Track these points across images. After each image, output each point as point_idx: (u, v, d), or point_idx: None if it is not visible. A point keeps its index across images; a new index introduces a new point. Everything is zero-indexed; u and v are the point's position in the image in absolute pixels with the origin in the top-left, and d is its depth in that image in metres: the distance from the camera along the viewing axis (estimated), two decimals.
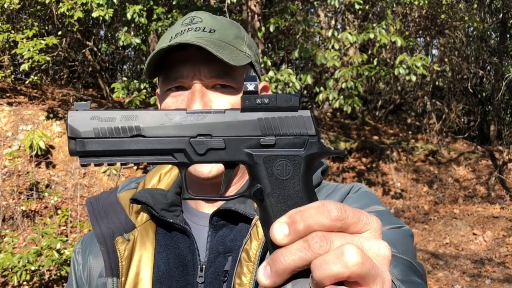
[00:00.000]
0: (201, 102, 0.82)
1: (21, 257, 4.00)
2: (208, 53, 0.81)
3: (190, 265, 0.87)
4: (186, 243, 0.88)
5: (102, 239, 0.88)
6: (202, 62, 0.83)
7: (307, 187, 0.54)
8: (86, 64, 8.29)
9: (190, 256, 0.87)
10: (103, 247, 0.87)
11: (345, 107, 4.94)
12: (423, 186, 7.10)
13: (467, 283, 4.89)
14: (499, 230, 5.91)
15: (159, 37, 5.33)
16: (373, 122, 9.14)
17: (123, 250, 0.86)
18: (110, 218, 0.90)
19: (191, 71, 0.84)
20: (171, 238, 0.90)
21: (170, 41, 0.83)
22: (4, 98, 6.35)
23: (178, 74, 0.85)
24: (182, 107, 0.83)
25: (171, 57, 0.84)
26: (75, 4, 5.05)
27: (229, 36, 0.85)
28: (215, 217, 0.86)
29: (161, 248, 0.89)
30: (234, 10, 6.52)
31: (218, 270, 0.85)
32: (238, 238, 0.86)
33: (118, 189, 0.98)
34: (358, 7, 5.14)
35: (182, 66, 0.84)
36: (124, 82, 5.57)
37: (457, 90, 9.47)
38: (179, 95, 0.85)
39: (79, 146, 0.53)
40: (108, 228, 0.89)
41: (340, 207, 0.45)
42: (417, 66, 4.76)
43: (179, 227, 0.88)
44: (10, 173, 5.31)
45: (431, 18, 8.15)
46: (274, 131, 0.55)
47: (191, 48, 0.82)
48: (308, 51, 4.96)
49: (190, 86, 0.85)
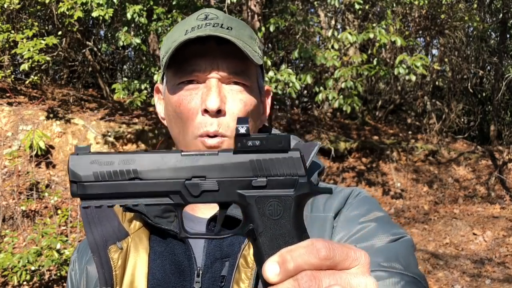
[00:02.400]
0: (218, 98, 0.80)
1: (21, 257, 4.00)
2: (227, 49, 0.80)
3: (187, 270, 0.85)
4: (181, 248, 0.86)
5: (95, 247, 0.86)
6: (221, 57, 0.81)
7: (298, 226, 0.56)
8: (86, 64, 8.29)
9: (186, 262, 0.85)
10: (96, 257, 0.85)
11: (344, 107, 4.94)
12: (423, 186, 7.10)
13: (467, 283, 4.89)
14: (499, 230, 5.91)
15: (159, 37, 5.33)
16: (373, 122, 9.14)
17: (117, 259, 0.84)
18: (104, 225, 0.87)
19: (209, 65, 0.81)
20: (166, 244, 0.87)
21: (186, 34, 0.81)
22: (4, 98, 6.35)
23: (194, 68, 0.82)
24: (197, 101, 0.82)
25: (187, 50, 0.81)
26: (75, 4, 5.05)
27: (244, 35, 0.84)
28: (212, 222, 0.85)
29: (156, 255, 0.87)
30: (234, 10, 6.53)
31: (215, 275, 0.84)
32: (236, 243, 0.85)
33: None
34: (358, 7, 5.13)
35: (199, 60, 0.81)
36: (125, 83, 5.57)
37: (457, 90, 9.47)
38: (194, 88, 0.83)
39: (80, 189, 0.56)
40: (101, 236, 0.86)
41: (328, 245, 0.47)
42: (417, 66, 4.76)
43: (173, 233, 0.85)
44: (10, 173, 5.32)
45: (431, 18, 8.15)
46: (266, 172, 0.56)
47: (209, 43, 0.80)
48: (308, 51, 4.96)
49: (205, 81, 0.82)
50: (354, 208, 0.87)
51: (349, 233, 0.83)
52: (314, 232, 0.83)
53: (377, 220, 0.85)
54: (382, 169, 7.28)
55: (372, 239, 0.81)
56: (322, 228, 0.85)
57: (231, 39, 0.78)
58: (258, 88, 0.88)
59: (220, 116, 0.81)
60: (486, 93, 10.24)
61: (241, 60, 0.81)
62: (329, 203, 0.88)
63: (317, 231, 0.84)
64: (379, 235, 0.82)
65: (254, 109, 0.85)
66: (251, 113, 0.85)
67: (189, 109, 0.82)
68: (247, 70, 0.84)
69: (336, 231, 0.84)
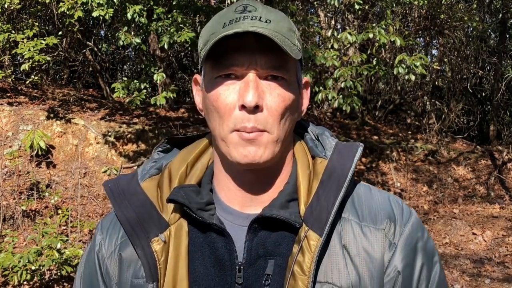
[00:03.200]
0: (255, 93, 0.78)
1: (21, 257, 4.00)
2: (265, 43, 0.78)
3: (228, 265, 0.83)
4: (222, 242, 0.84)
5: (137, 240, 0.84)
6: (259, 52, 0.79)
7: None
8: (86, 64, 8.30)
9: (227, 256, 0.83)
10: (140, 250, 0.83)
11: (344, 107, 4.94)
12: (422, 186, 7.11)
13: (466, 282, 4.90)
14: (499, 230, 5.92)
15: (159, 37, 5.34)
16: (372, 122, 9.15)
17: (160, 251, 0.83)
18: (139, 213, 0.85)
19: (247, 60, 0.79)
20: (205, 237, 0.85)
21: (224, 27, 0.79)
22: (4, 98, 6.36)
23: (232, 62, 0.79)
24: (234, 96, 0.80)
25: (225, 44, 0.78)
26: (76, 4, 5.06)
27: (283, 28, 0.81)
28: (254, 224, 0.83)
29: (196, 247, 0.85)
30: None
31: (259, 273, 0.82)
32: (283, 244, 0.83)
33: (138, 175, 0.91)
34: (358, 7, 5.14)
35: (237, 54, 0.79)
36: (124, 82, 5.58)
37: (456, 90, 9.48)
38: (231, 83, 0.80)
39: None
40: (139, 226, 0.84)
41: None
42: (416, 66, 4.76)
43: (216, 227, 0.84)
44: (10, 173, 5.32)
45: (431, 18, 8.16)
46: None
47: (248, 37, 0.79)
48: (308, 51, 4.97)
49: (243, 75, 0.80)
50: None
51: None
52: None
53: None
54: (381, 169, 7.29)
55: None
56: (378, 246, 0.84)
57: (268, 34, 0.77)
58: (297, 81, 0.86)
59: (258, 112, 0.79)
60: (485, 93, 10.25)
61: (279, 55, 0.79)
62: (381, 214, 0.86)
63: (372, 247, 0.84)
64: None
65: (292, 103, 0.83)
66: (290, 107, 0.83)
67: (227, 103, 0.80)
68: (286, 64, 0.81)
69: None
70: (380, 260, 0.82)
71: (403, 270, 0.83)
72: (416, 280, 0.84)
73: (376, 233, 0.83)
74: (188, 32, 5.09)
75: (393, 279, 0.83)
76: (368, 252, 0.82)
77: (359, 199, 0.87)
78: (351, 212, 0.85)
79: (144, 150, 6.18)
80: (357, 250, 0.82)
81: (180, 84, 9.51)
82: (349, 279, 0.80)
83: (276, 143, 0.81)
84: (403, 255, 0.83)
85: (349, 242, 0.82)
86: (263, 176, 0.85)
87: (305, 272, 0.78)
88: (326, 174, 0.83)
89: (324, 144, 0.90)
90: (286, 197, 0.84)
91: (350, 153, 0.86)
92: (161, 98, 5.19)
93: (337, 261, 0.81)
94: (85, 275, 0.93)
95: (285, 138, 0.83)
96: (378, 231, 0.84)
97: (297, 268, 0.79)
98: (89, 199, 5.48)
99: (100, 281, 0.90)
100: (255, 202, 0.86)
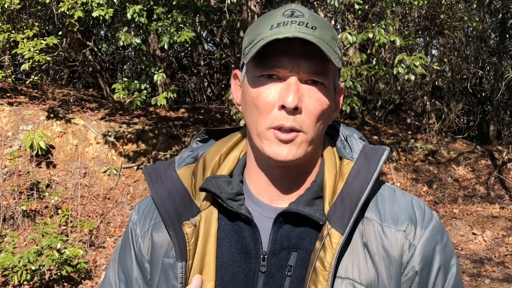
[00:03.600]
0: (296, 96, 0.82)
1: (21, 257, 4.01)
2: (309, 49, 0.82)
3: (253, 253, 0.88)
4: (248, 231, 0.89)
5: (169, 222, 0.89)
6: (303, 57, 0.83)
7: None
8: (86, 64, 8.31)
9: (252, 245, 0.88)
10: (172, 231, 0.89)
11: (344, 107, 4.94)
12: (422, 186, 7.11)
13: (466, 282, 4.91)
14: (499, 230, 5.93)
15: (159, 37, 5.34)
16: (372, 122, 9.15)
17: (191, 234, 0.88)
18: (174, 197, 0.91)
19: (291, 63, 0.83)
20: (233, 225, 0.90)
21: (271, 29, 0.84)
22: (4, 98, 6.36)
23: (276, 63, 0.84)
24: (275, 96, 0.84)
25: (271, 45, 0.82)
26: (76, 4, 5.06)
27: (327, 35, 0.85)
28: (280, 218, 0.88)
29: (224, 234, 0.90)
30: (234, 10, 6.53)
31: (282, 263, 0.87)
32: (306, 238, 0.88)
33: (175, 163, 0.98)
34: (358, 7, 5.14)
35: (282, 56, 0.83)
36: (125, 83, 5.58)
37: (456, 90, 9.48)
38: (273, 84, 0.84)
39: None
40: (173, 210, 0.90)
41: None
42: (416, 65, 4.76)
43: (244, 217, 0.89)
44: (10, 173, 5.33)
45: (431, 18, 8.16)
46: None
47: (294, 41, 0.82)
48: None
49: (286, 78, 0.84)
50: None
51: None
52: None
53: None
54: (381, 169, 7.29)
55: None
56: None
57: (314, 41, 0.81)
58: (334, 87, 0.91)
59: (297, 113, 0.83)
60: (485, 93, 10.25)
61: (322, 61, 0.83)
62: (403, 216, 0.90)
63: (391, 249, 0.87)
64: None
65: (328, 108, 0.88)
66: (325, 111, 0.87)
67: (267, 102, 0.84)
68: (326, 71, 0.85)
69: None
70: (398, 260, 0.86)
71: (420, 271, 0.86)
72: (432, 282, 0.88)
73: (396, 234, 0.87)
74: (188, 32, 5.09)
75: (410, 279, 0.86)
76: (388, 252, 0.86)
77: (382, 200, 0.91)
78: (374, 212, 0.89)
79: (144, 150, 6.18)
80: (377, 249, 0.86)
81: (180, 84, 9.51)
82: (368, 277, 0.85)
83: (309, 144, 0.86)
84: (421, 257, 0.87)
85: (370, 241, 0.86)
86: (293, 173, 0.90)
87: (326, 268, 0.82)
88: (351, 176, 0.88)
89: (352, 146, 0.94)
90: (312, 195, 0.89)
91: (376, 156, 0.91)
92: (162, 98, 5.19)
93: (358, 259, 0.85)
94: (120, 251, 0.99)
95: (317, 139, 0.88)
96: (398, 232, 0.87)
97: (318, 263, 0.83)
98: (89, 199, 5.48)
99: (133, 257, 0.96)
100: (283, 197, 0.91)
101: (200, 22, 6.92)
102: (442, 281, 0.89)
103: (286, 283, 0.86)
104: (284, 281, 0.86)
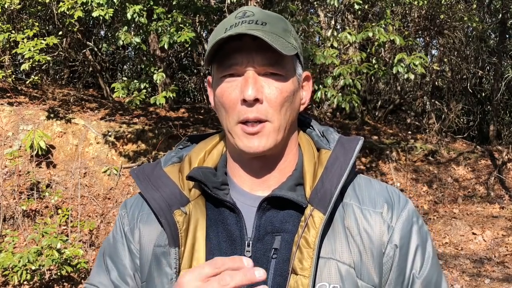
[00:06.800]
0: (254, 88, 0.88)
1: (21, 257, 4.01)
2: (261, 43, 0.87)
3: (238, 240, 0.92)
4: (233, 219, 0.93)
5: (161, 212, 0.94)
6: (256, 51, 0.89)
7: None
8: (86, 64, 8.31)
9: (237, 232, 0.92)
10: (164, 219, 0.93)
11: (343, 104, 4.94)
12: (422, 186, 7.11)
13: (466, 282, 4.90)
14: (499, 230, 5.92)
15: (159, 37, 5.34)
16: (372, 122, 9.15)
17: (182, 222, 0.92)
18: (163, 191, 0.96)
19: (245, 59, 0.89)
20: (219, 213, 0.95)
21: (226, 32, 0.89)
22: (4, 98, 6.36)
23: (232, 62, 0.90)
24: (237, 92, 0.90)
25: (226, 46, 0.89)
26: (75, 4, 5.06)
27: (278, 28, 0.92)
28: (265, 202, 0.92)
29: (211, 222, 0.95)
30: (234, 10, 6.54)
31: (266, 247, 0.91)
32: (289, 221, 0.92)
33: (161, 163, 1.03)
34: (357, 7, 5.15)
35: (237, 54, 0.89)
36: (124, 82, 5.58)
37: (456, 90, 9.48)
38: (233, 80, 0.91)
39: None
40: (163, 201, 0.94)
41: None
42: (415, 65, 4.77)
43: (229, 204, 0.93)
44: (10, 173, 5.33)
45: (431, 19, 8.16)
46: None
47: (245, 38, 0.88)
48: (308, 50, 4.97)
49: (243, 73, 0.90)
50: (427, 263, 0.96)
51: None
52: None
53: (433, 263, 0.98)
54: (381, 169, 7.29)
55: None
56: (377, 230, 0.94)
57: (260, 35, 0.86)
58: (296, 76, 0.95)
59: (259, 104, 0.89)
60: (485, 93, 10.25)
61: (275, 52, 0.88)
62: (380, 200, 0.96)
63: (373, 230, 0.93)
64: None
65: (290, 95, 0.92)
66: (288, 98, 0.92)
67: (231, 99, 0.90)
68: (281, 61, 0.91)
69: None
70: (379, 240, 0.92)
71: (400, 249, 0.92)
72: (411, 261, 0.93)
73: (375, 216, 0.93)
74: (188, 32, 5.10)
75: (391, 258, 0.92)
76: (368, 233, 0.92)
77: (359, 187, 0.97)
78: (352, 197, 0.95)
79: (144, 150, 6.18)
80: (358, 231, 0.91)
81: (180, 84, 9.51)
82: (351, 257, 0.89)
83: (278, 132, 0.91)
84: (400, 236, 0.93)
85: (351, 223, 0.92)
86: (269, 163, 0.96)
87: (310, 245, 0.87)
88: (329, 162, 0.93)
89: (329, 138, 1.00)
90: (294, 181, 0.94)
91: (352, 144, 0.96)
92: (161, 98, 5.19)
93: (341, 241, 0.90)
94: (112, 243, 1.03)
95: (286, 126, 0.93)
96: (377, 214, 0.93)
97: (303, 241, 0.87)
98: (89, 199, 5.48)
99: (125, 246, 1.00)
100: (262, 186, 0.96)
101: (200, 22, 6.92)
102: (420, 260, 0.94)
103: (272, 265, 0.90)
104: (269, 264, 0.90)
